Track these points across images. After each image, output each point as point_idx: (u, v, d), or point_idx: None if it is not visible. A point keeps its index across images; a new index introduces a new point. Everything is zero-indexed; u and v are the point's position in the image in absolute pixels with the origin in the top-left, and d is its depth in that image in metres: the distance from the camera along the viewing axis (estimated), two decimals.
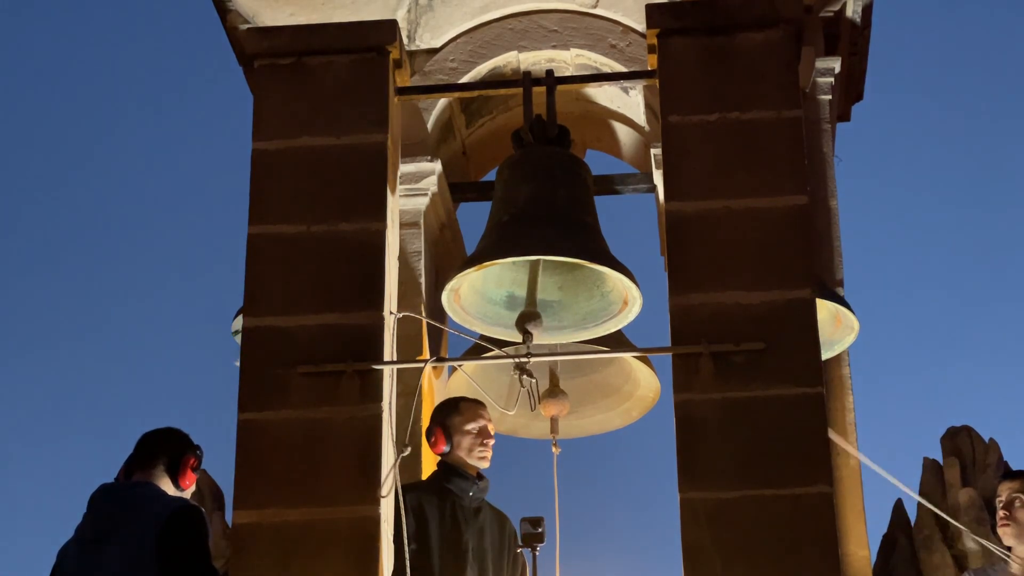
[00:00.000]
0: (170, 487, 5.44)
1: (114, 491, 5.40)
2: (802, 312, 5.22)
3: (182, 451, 5.50)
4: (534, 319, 5.54)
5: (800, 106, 5.52)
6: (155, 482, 5.42)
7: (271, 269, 5.41)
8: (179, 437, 5.55)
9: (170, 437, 5.54)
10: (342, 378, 5.22)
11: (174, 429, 5.58)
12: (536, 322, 5.53)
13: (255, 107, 5.63)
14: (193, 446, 5.55)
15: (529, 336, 5.50)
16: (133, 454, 5.51)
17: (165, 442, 5.52)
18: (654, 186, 6.90)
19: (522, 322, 5.54)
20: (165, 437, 5.54)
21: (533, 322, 5.52)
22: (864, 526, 6.66)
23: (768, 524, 4.96)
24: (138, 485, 5.40)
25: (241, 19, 7.10)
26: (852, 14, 7.35)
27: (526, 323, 5.53)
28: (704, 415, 5.10)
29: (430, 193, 6.73)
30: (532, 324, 5.52)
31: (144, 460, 5.47)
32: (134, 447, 5.54)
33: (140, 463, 5.47)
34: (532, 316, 5.55)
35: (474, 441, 5.96)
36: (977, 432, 9.23)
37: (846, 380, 6.85)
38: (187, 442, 5.55)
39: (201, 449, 5.58)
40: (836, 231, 7.08)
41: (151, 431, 5.56)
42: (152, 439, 5.53)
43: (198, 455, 5.55)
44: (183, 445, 5.52)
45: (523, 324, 5.53)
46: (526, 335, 5.50)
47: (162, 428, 5.57)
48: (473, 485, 5.95)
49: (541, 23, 7.00)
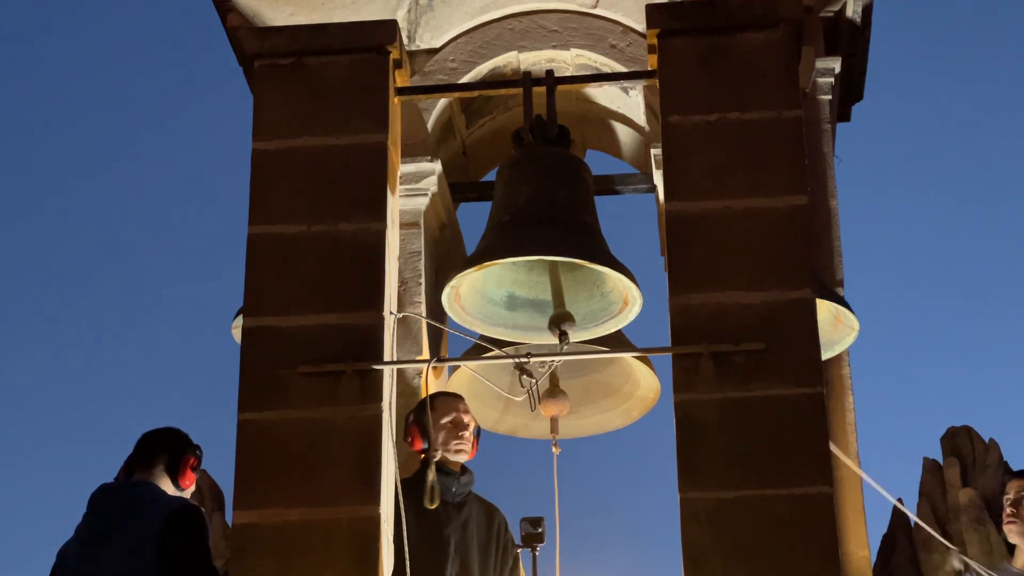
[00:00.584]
0: (170, 487, 5.45)
1: (114, 491, 5.40)
2: (802, 312, 5.22)
3: (182, 451, 5.51)
4: (568, 320, 5.53)
5: (800, 106, 5.52)
6: (155, 482, 5.42)
7: (271, 269, 5.41)
8: (179, 437, 5.55)
9: (169, 437, 5.54)
10: (342, 378, 5.22)
11: (173, 429, 5.58)
12: (570, 322, 5.52)
13: (255, 107, 5.63)
14: (193, 446, 5.55)
15: (565, 336, 5.49)
16: (133, 454, 5.52)
17: (165, 442, 5.52)
18: (654, 186, 6.90)
19: (556, 323, 5.53)
20: (164, 437, 5.54)
21: (567, 322, 5.52)
22: (864, 526, 6.65)
23: (768, 524, 4.96)
24: (138, 485, 5.40)
25: (241, 19, 7.09)
26: (852, 14, 7.35)
27: (560, 324, 5.52)
28: (704, 415, 5.10)
29: (430, 193, 6.73)
30: (567, 324, 5.52)
31: (144, 460, 5.47)
32: (134, 447, 5.54)
33: (140, 463, 5.48)
34: (565, 317, 5.55)
35: (448, 435, 5.94)
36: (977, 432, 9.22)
37: (846, 380, 6.84)
38: (187, 442, 5.55)
39: (201, 449, 5.58)
40: (836, 231, 7.08)
41: (151, 431, 5.56)
42: (152, 439, 5.53)
43: (198, 455, 5.55)
44: (183, 445, 5.52)
45: (558, 325, 5.52)
46: (562, 336, 5.50)
47: (161, 428, 5.58)
48: (455, 481, 5.94)
49: (541, 23, 6.99)
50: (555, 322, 5.55)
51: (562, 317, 5.55)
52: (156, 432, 5.56)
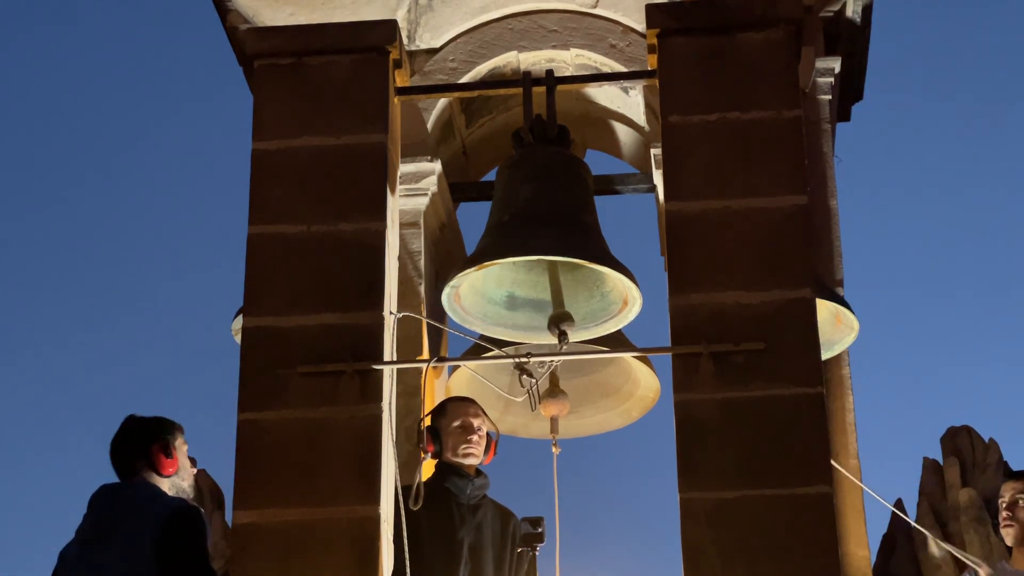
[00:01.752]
0: (161, 481, 5.37)
1: (113, 491, 5.38)
2: (802, 312, 5.22)
3: (147, 446, 5.37)
4: (567, 319, 5.54)
5: (800, 106, 5.52)
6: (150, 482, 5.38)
7: (271, 269, 5.41)
8: (137, 434, 5.38)
9: (130, 439, 5.40)
10: (342, 378, 5.22)
11: (128, 429, 5.39)
12: (569, 322, 5.53)
13: (255, 107, 5.63)
14: (153, 433, 5.35)
15: (564, 336, 5.50)
16: (116, 471, 5.42)
17: (131, 447, 5.37)
18: (654, 186, 6.90)
19: (555, 323, 5.54)
20: (125, 442, 5.38)
21: (567, 322, 5.53)
22: (864, 526, 6.66)
23: (768, 524, 4.96)
24: (137, 485, 5.38)
25: (241, 19, 7.10)
26: (852, 14, 7.35)
27: (560, 324, 5.53)
28: (704, 415, 5.10)
29: (430, 193, 6.73)
30: (566, 324, 5.53)
31: (127, 471, 5.38)
32: (111, 461, 5.43)
33: (125, 475, 5.39)
34: (564, 317, 5.56)
35: (458, 439, 5.97)
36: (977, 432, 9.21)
37: (846, 380, 6.85)
38: (148, 434, 5.37)
39: (165, 424, 5.38)
40: (836, 231, 7.09)
41: (113, 442, 5.41)
42: (119, 451, 5.39)
43: (164, 438, 5.35)
44: (145, 439, 5.35)
45: (557, 325, 5.53)
46: (561, 335, 5.51)
47: (117, 433, 5.38)
48: (469, 483, 5.96)
49: (541, 23, 7.00)
50: (554, 322, 5.55)
51: (561, 317, 5.56)
52: (118, 442, 5.42)
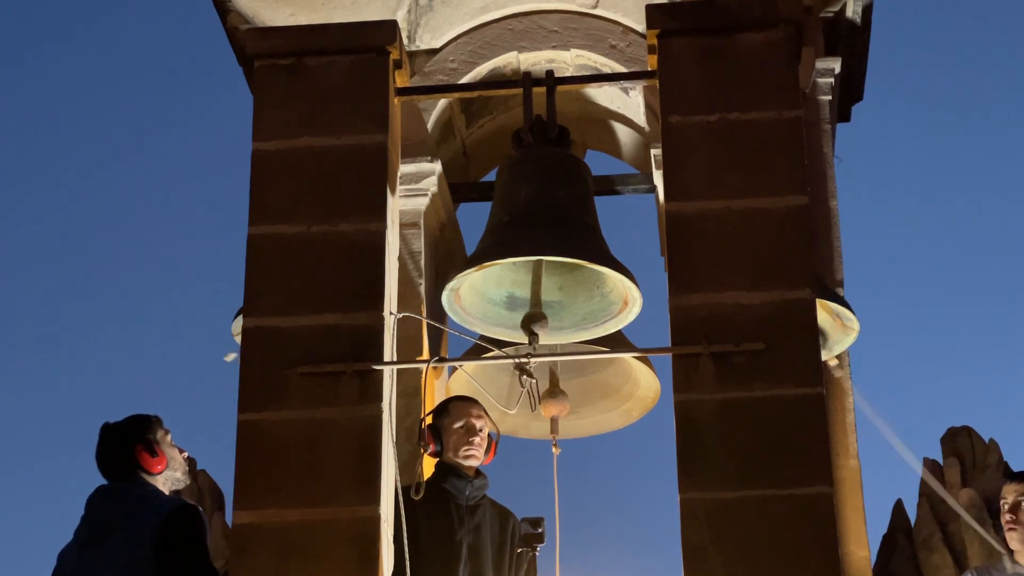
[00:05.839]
0: (155, 479, 5.37)
1: (112, 492, 5.39)
2: (802, 312, 5.22)
3: (130, 450, 5.35)
4: (539, 320, 5.56)
5: (800, 106, 5.53)
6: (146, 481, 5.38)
7: (271, 269, 5.41)
8: (117, 441, 5.37)
9: (111, 448, 5.38)
10: (342, 378, 5.22)
11: (106, 438, 5.39)
12: (542, 323, 5.55)
13: (255, 107, 5.63)
14: (134, 435, 5.35)
15: (535, 337, 5.51)
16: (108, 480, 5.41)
17: (114, 455, 5.35)
18: (654, 186, 6.90)
19: (528, 323, 5.55)
20: (108, 451, 5.37)
21: (539, 323, 5.54)
22: (864, 526, 6.66)
23: (768, 524, 4.96)
24: (135, 485, 5.38)
25: (241, 19, 7.09)
26: (852, 15, 7.34)
27: (532, 324, 5.54)
28: (704, 415, 5.10)
29: (430, 193, 6.73)
30: (538, 325, 5.53)
31: (118, 477, 5.37)
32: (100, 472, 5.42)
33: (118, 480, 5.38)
34: (537, 317, 5.57)
35: (460, 439, 5.97)
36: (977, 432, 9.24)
37: (846, 380, 6.84)
38: (127, 438, 5.36)
39: (144, 421, 5.38)
40: (836, 231, 7.08)
41: (97, 455, 5.38)
42: (104, 461, 5.37)
43: (144, 439, 5.35)
44: (126, 444, 5.35)
45: (528, 325, 5.54)
46: (532, 336, 5.52)
47: (97, 445, 5.38)
48: (468, 484, 5.96)
49: (541, 23, 7.00)
50: (527, 322, 5.55)
51: (534, 317, 5.56)
52: (98, 453, 5.38)
